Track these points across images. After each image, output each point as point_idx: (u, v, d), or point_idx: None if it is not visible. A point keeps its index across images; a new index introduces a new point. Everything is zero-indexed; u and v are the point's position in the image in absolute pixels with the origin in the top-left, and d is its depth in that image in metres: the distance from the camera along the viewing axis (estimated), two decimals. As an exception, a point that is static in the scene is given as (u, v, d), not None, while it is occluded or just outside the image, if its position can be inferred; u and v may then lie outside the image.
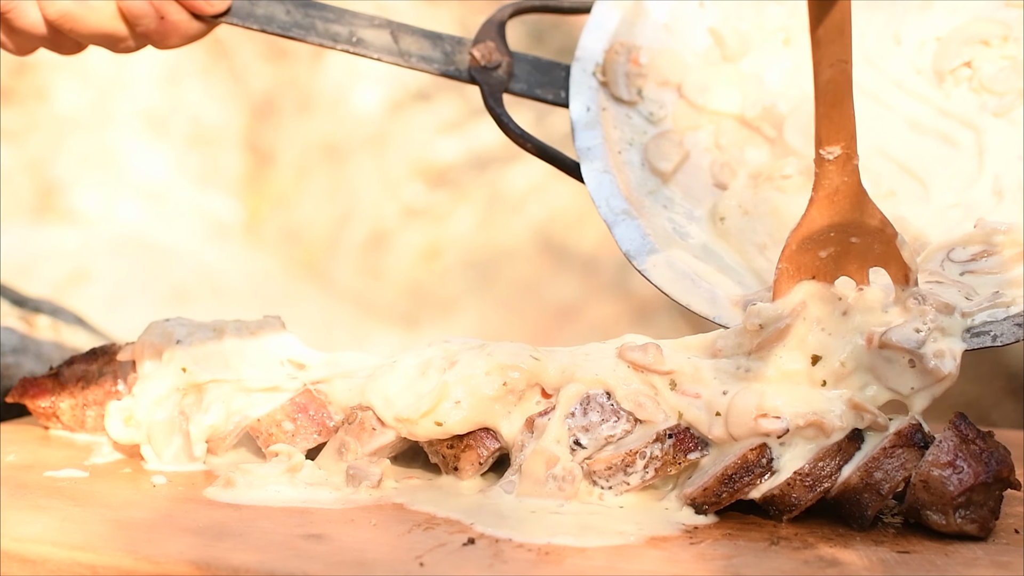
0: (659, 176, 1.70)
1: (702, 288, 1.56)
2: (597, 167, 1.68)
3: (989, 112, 1.63)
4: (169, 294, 4.76)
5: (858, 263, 1.37)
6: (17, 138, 5.33)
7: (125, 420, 1.54)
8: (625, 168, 1.70)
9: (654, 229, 1.63)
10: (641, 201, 1.66)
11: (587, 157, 1.69)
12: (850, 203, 1.33)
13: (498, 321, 4.59)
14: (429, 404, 1.43)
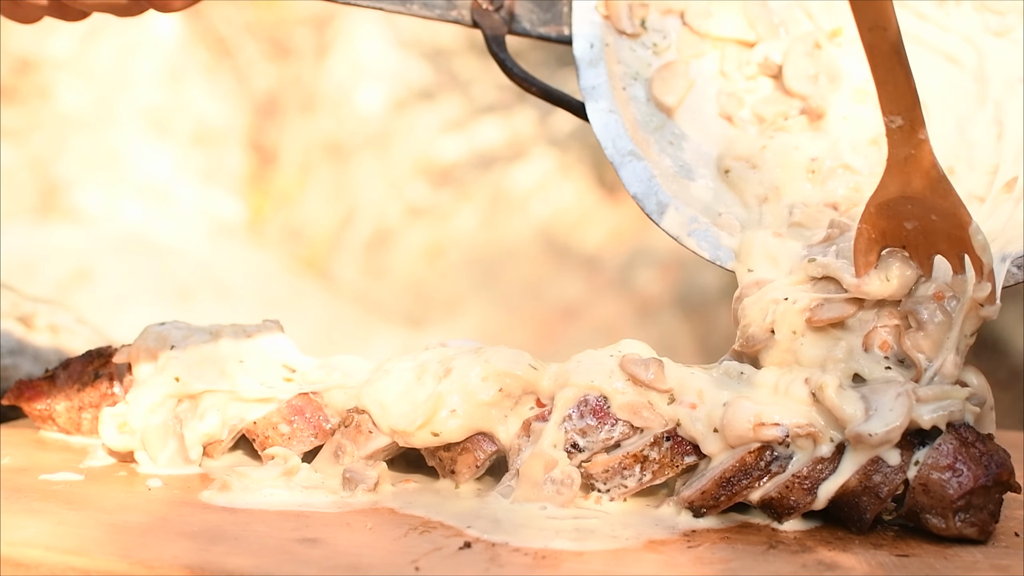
0: (665, 111, 1.68)
1: (708, 232, 1.57)
2: (602, 107, 1.67)
3: (991, 32, 1.62)
4: (172, 293, 4.76)
5: (947, 244, 1.35)
6: (20, 137, 5.33)
7: (119, 427, 1.54)
8: (630, 105, 1.69)
9: (661, 170, 1.62)
10: (647, 139, 1.66)
11: (592, 97, 1.68)
12: (921, 177, 1.30)
13: (501, 320, 4.58)
14: (424, 416, 1.43)
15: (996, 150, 1.56)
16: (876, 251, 1.39)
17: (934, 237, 1.35)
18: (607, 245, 4.82)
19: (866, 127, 1.61)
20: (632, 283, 4.52)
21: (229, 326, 1.63)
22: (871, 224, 1.38)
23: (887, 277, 1.38)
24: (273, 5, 5.65)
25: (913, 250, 1.38)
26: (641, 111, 1.69)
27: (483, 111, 5.36)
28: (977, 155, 1.57)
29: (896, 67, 1.24)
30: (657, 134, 1.67)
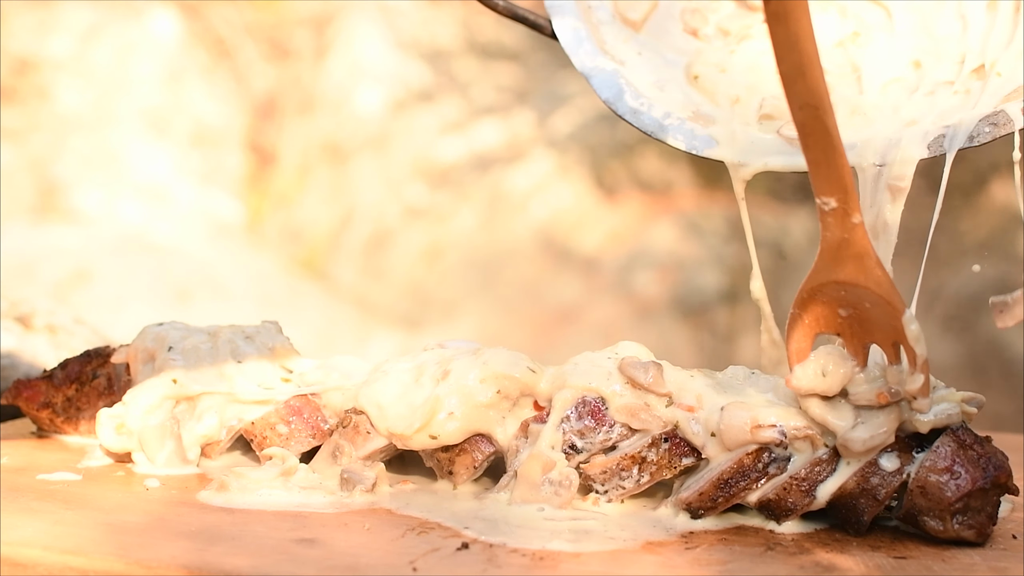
0: (630, 26, 1.70)
1: (683, 126, 1.57)
2: (568, 23, 1.68)
3: None
4: (170, 294, 4.76)
5: (881, 333, 1.31)
6: (19, 137, 5.33)
7: (117, 428, 1.54)
8: (596, 22, 1.70)
9: (629, 78, 1.63)
10: (615, 50, 1.67)
11: (558, 12, 1.69)
12: (854, 262, 1.27)
13: (499, 322, 4.58)
14: (422, 420, 1.43)
15: (962, 41, 1.57)
16: (810, 338, 1.36)
17: (868, 325, 1.31)
18: (606, 247, 4.82)
19: (830, 33, 1.62)
20: (630, 285, 4.51)
21: (227, 327, 1.63)
22: (804, 309, 1.35)
23: (823, 371, 1.35)
24: (272, 6, 5.66)
25: (847, 338, 1.34)
26: (608, 29, 1.70)
27: (482, 112, 5.36)
28: (943, 48, 1.57)
29: (829, 148, 1.21)
30: (624, 46, 1.68)
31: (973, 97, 1.49)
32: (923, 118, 1.47)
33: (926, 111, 1.47)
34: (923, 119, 1.47)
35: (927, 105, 1.49)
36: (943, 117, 1.47)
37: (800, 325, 1.36)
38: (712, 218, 4.53)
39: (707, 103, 1.61)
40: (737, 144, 1.53)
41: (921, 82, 1.54)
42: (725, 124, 1.56)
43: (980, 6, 1.58)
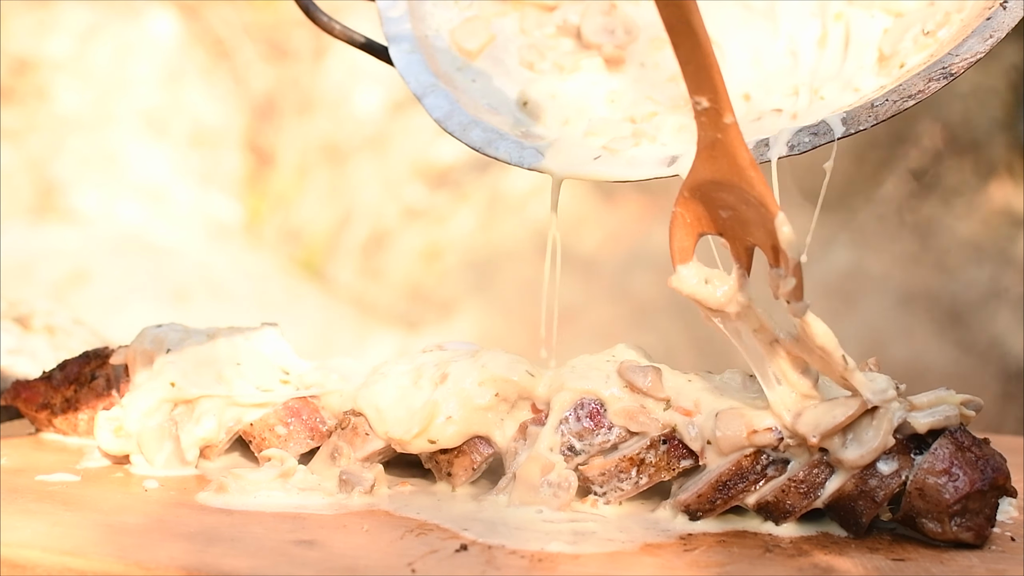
0: (466, 55, 1.71)
1: (511, 140, 1.58)
2: (404, 48, 1.71)
3: None
4: (169, 294, 4.75)
5: (761, 235, 1.30)
6: (17, 138, 5.33)
7: (115, 430, 1.54)
8: (432, 50, 1.72)
9: (463, 101, 1.65)
10: (450, 76, 1.69)
11: (395, 41, 1.71)
12: (728, 162, 1.27)
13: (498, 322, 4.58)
14: (421, 425, 1.43)
15: (792, 75, 1.59)
16: (693, 238, 1.36)
17: (748, 227, 1.32)
18: (604, 248, 4.81)
19: (663, 70, 1.64)
20: (629, 287, 4.51)
21: (226, 329, 1.63)
22: (685, 208, 1.35)
23: (706, 279, 1.36)
24: (271, 6, 5.65)
25: (730, 239, 1.35)
26: (444, 56, 1.72)
27: (481, 114, 5.34)
28: (773, 81, 1.60)
29: (696, 47, 1.20)
30: (459, 73, 1.70)
31: (798, 121, 1.53)
32: (749, 136, 1.49)
33: (752, 133, 1.50)
34: (749, 136, 1.49)
35: (753, 129, 1.52)
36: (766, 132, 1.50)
37: (682, 224, 1.36)
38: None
39: (536, 124, 1.63)
40: (562, 157, 1.55)
41: (749, 112, 1.58)
42: (552, 140, 1.58)
43: (811, 41, 1.61)
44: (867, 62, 1.56)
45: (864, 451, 1.29)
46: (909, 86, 1.44)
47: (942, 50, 1.46)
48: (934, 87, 1.44)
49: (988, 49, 1.43)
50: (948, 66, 1.43)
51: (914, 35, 1.53)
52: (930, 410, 1.33)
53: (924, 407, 1.33)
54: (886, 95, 1.45)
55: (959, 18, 1.51)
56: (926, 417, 1.32)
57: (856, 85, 1.54)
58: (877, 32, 1.57)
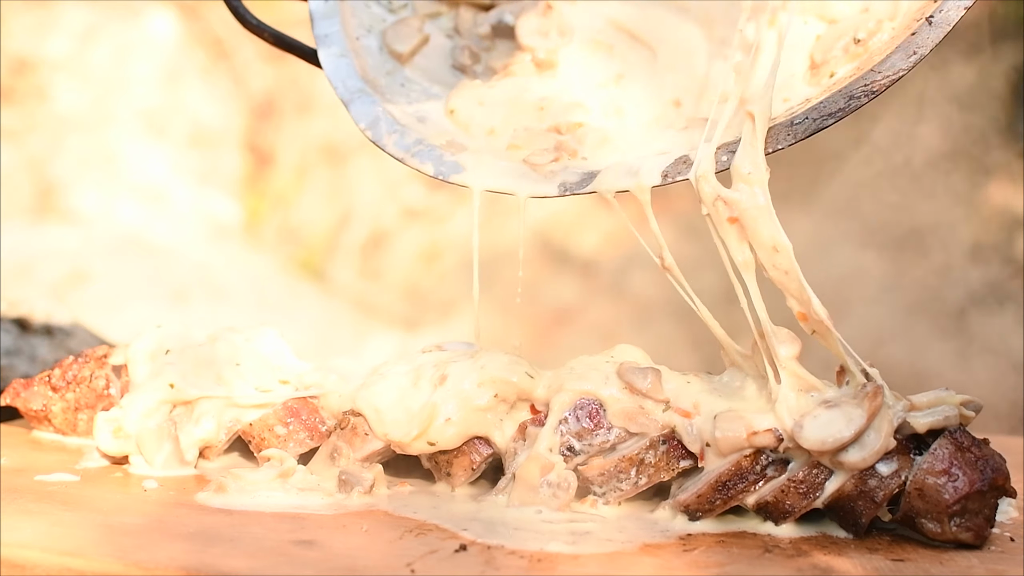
0: (396, 58, 1.71)
1: (432, 152, 1.59)
2: (334, 52, 1.70)
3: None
4: (168, 294, 4.75)
5: None
6: (16, 138, 5.32)
7: (114, 431, 1.54)
8: (363, 52, 1.71)
9: (388, 108, 1.65)
10: (378, 81, 1.68)
11: (324, 43, 1.70)
12: None
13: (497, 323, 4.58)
14: (420, 427, 1.43)
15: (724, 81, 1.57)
16: None
17: None
18: (603, 249, 4.81)
19: (597, 74, 1.64)
20: (628, 287, 4.51)
21: (226, 329, 1.63)
22: None
23: None
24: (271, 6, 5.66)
25: None
26: (374, 58, 1.71)
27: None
28: (705, 88, 1.60)
29: None
30: (388, 78, 1.70)
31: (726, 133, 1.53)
32: (675, 149, 1.51)
33: (680, 143, 1.51)
34: (674, 150, 1.51)
35: (681, 140, 1.53)
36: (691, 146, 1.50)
37: None
38: (710, 219, 4.51)
39: (462, 134, 1.63)
40: (481, 169, 1.56)
41: (678, 120, 1.58)
42: (474, 152, 1.59)
43: (744, 46, 1.60)
44: (798, 70, 1.55)
45: (866, 454, 1.29)
46: (830, 103, 1.44)
47: (869, 62, 1.46)
48: (855, 105, 1.43)
49: (911, 66, 1.42)
50: (870, 83, 1.42)
51: (845, 43, 1.53)
52: (929, 410, 1.33)
53: (923, 407, 1.34)
54: (806, 112, 1.44)
55: (891, 26, 1.50)
56: (925, 417, 1.32)
57: (785, 95, 1.54)
58: (810, 39, 1.56)
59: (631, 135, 1.56)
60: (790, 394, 1.33)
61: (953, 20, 1.42)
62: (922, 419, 1.32)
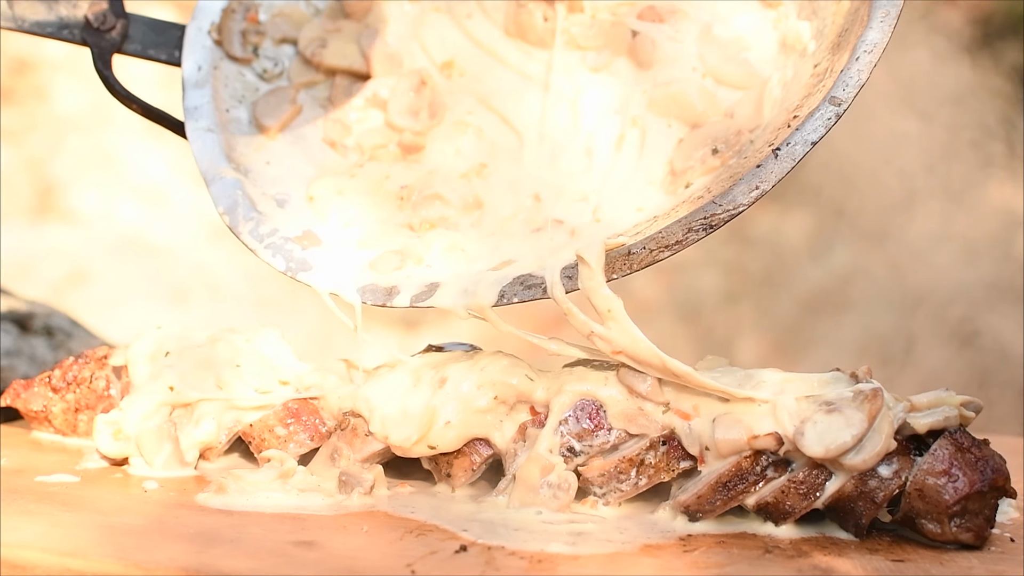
0: (264, 132, 1.71)
1: (285, 246, 1.60)
2: (202, 125, 1.70)
3: (588, 67, 1.64)
4: (168, 294, 4.75)
5: None
6: (16, 138, 5.32)
7: (114, 434, 1.54)
8: (231, 125, 1.71)
9: (248, 191, 1.65)
10: (244, 159, 1.68)
11: (193, 116, 1.70)
12: None
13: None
14: (420, 432, 1.43)
15: (585, 178, 1.60)
16: None
17: None
18: (603, 248, 4.81)
19: (462, 160, 1.65)
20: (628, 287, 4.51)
21: (226, 330, 1.63)
22: None
23: None
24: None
25: None
26: (242, 131, 1.71)
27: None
28: (566, 183, 1.61)
29: None
30: (255, 155, 1.70)
31: (577, 237, 1.54)
32: (522, 258, 1.52)
33: (528, 253, 1.52)
34: (522, 259, 1.52)
35: (529, 245, 1.54)
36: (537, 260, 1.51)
37: None
38: (710, 219, 4.51)
39: (319, 223, 1.63)
40: (328, 271, 1.57)
41: (536, 217, 1.59)
42: (327, 247, 1.59)
43: (608, 142, 1.61)
44: (656, 176, 1.56)
45: (866, 456, 1.29)
46: (668, 235, 1.43)
47: (717, 186, 1.46)
48: (693, 238, 1.43)
49: (752, 201, 1.42)
50: (710, 216, 1.42)
51: (703, 154, 1.53)
52: (929, 411, 1.33)
53: (923, 408, 1.34)
54: (644, 242, 1.44)
55: (749, 138, 1.51)
56: (926, 418, 1.32)
57: (640, 204, 1.54)
58: (671, 143, 1.57)
59: (479, 243, 1.57)
60: (789, 399, 1.33)
61: (798, 155, 1.42)
62: (922, 420, 1.32)
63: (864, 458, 1.29)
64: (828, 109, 1.41)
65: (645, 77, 1.61)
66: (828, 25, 1.52)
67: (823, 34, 1.52)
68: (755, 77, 1.56)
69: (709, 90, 1.57)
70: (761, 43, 1.58)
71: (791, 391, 1.35)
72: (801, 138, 1.41)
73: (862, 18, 1.45)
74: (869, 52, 1.43)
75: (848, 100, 1.42)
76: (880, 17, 1.44)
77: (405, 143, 1.66)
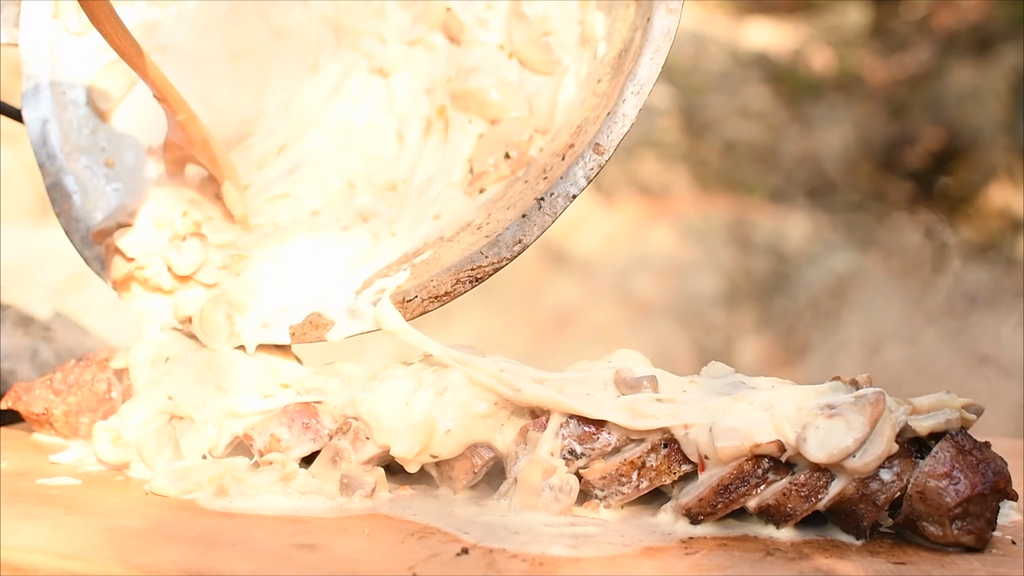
0: (100, 116, 1.73)
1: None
2: (40, 115, 1.72)
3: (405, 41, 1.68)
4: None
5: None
6: (17, 140, 5.32)
7: (113, 440, 1.54)
8: (68, 109, 1.73)
9: (88, 187, 1.70)
10: (79, 149, 1.71)
11: (30, 103, 1.72)
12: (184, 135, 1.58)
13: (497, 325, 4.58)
14: (421, 443, 1.43)
15: (395, 166, 1.65)
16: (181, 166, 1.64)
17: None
18: (603, 250, 4.81)
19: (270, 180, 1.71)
20: (628, 288, 4.51)
21: (225, 334, 1.63)
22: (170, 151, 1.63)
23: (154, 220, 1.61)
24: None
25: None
26: (79, 116, 1.74)
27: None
28: (377, 169, 1.66)
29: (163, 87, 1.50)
30: (91, 138, 1.72)
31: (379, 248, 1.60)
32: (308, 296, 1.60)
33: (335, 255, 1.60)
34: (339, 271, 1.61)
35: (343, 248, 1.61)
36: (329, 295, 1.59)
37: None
38: (710, 221, 4.52)
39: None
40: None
41: (342, 218, 1.64)
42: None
43: (418, 129, 1.65)
44: (456, 177, 1.60)
45: (868, 459, 1.29)
46: (439, 285, 1.50)
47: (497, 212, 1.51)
48: (460, 290, 1.50)
49: (514, 255, 1.49)
50: (475, 268, 1.49)
51: (496, 159, 1.57)
52: (931, 414, 1.33)
53: (925, 410, 1.34)
54: (416, 290, 1.51)
55: (541, 144, 1.55)
56: (927, 420, 1.32)
57: (438, 210, 1.59)
58: (472, 139, 1.60)
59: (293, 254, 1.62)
60: (789, 407, 1.33)
61: (559, 209, 1.48)
62: (923, 422, 1.32)
63: (866, 461, 1.29)
64: (592, 159, 1.46)
65: (456, 55, 1.63)
66: (616, 31, 1.54)
67: (611, 39, 1.54)
68: (555, 63, 1.59)
69: (510, 82, 1.60)
70: (564, 28, 1.60)
71: (790, 399, 1.35)
72: (562, 192, 1.47)
73: (636, 48, 1.48)
74: (636, 94, 1.46)
75: (611, 149, 1.46)
76: (650, 53, 1.46)
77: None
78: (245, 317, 1.56)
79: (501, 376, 1.43)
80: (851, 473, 1.30)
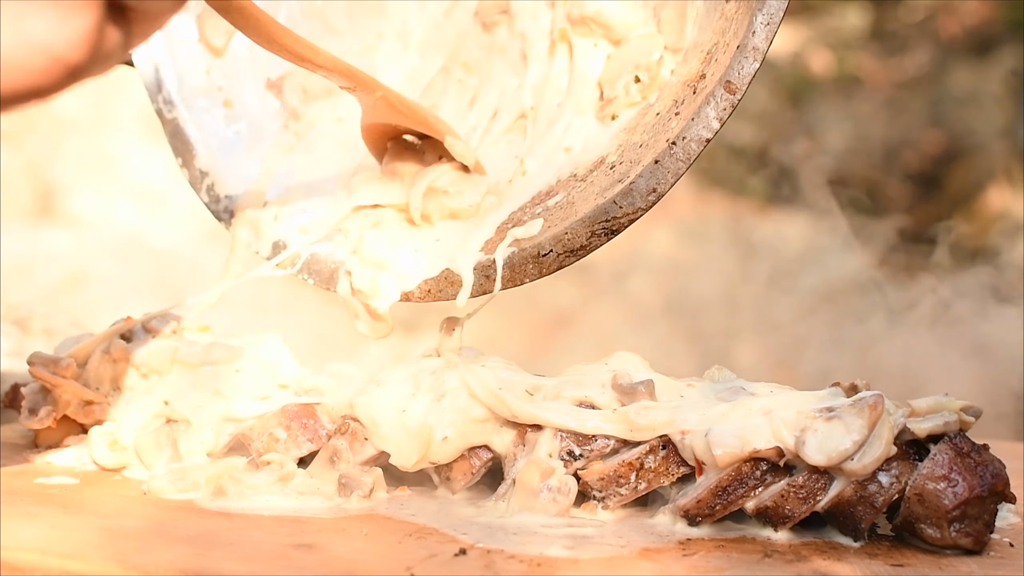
0: (212, 51, 1.69)
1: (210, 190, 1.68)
2: (151, 56, 1.67)
3: None
4: (167, 297, 4.74)
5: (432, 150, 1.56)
6: (15, 140, 5.32)
7: (110, 444, 1.54)
8: (180, 47, 1.68)
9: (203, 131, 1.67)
10: (194, 87, 1.67)
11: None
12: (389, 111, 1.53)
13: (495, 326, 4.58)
14: (419, 452, 1.43)
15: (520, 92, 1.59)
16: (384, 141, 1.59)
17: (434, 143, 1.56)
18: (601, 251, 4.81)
19: None
20: (626, 289, 4.51)
21: (225, 335, 1.64)
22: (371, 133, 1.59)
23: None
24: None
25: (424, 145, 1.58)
26: (191, 54, 1.69)
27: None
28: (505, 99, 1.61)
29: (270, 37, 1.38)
30: (206, 78, 1.69)
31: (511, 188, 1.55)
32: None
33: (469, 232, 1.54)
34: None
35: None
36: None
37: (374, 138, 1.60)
38: (710, 223, 4.52)
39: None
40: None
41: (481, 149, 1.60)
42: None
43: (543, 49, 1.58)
44: (586, 102, 1.53)
45: (867, 461, 1.29)
46: (573, 238, 1.42)
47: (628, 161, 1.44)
48: (596, 243, 1.43)
49: (650, 205, 1.40)
50: (611, 220, 1.41)
51: (626, 82, 1.49)
52: (929, 416, 1.33)
53: (923, 413, 1.34)
54: (551, 243, 1.44)
55: (671, 65, 1.47)
56: (925, 423, 1.32)
57: (568, 142, 1.52)
58: (600, 61, 1.53)
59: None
60: (788, 411, 1.33)
61: (692, 154, 1.39)
62: (922, 425, 1.32)
63: (864, 464, 1.28)
64: (723, 98, 1.37)
65: None
66: None
67: None
68: None
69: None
70: None
71: (789, 404, 1.34)
72: (695, 135, 1.38)
73: None
74: (766, 24, 1.35)
75: (743, 88, 1.37)
76: None
77: None
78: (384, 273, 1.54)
79: (500, 395, 1.43)
80: (849, 475, 1.30)
